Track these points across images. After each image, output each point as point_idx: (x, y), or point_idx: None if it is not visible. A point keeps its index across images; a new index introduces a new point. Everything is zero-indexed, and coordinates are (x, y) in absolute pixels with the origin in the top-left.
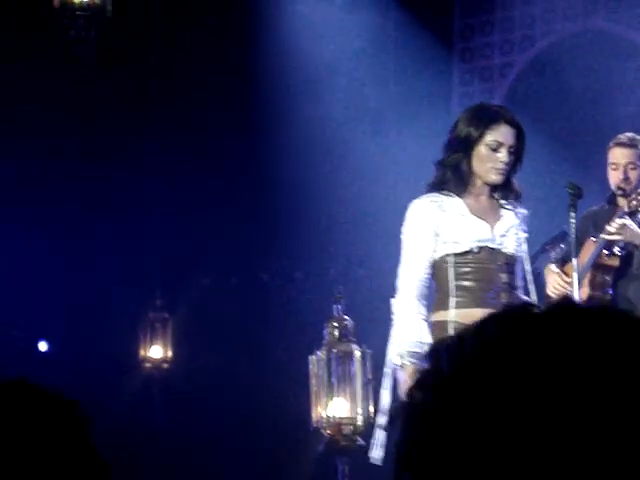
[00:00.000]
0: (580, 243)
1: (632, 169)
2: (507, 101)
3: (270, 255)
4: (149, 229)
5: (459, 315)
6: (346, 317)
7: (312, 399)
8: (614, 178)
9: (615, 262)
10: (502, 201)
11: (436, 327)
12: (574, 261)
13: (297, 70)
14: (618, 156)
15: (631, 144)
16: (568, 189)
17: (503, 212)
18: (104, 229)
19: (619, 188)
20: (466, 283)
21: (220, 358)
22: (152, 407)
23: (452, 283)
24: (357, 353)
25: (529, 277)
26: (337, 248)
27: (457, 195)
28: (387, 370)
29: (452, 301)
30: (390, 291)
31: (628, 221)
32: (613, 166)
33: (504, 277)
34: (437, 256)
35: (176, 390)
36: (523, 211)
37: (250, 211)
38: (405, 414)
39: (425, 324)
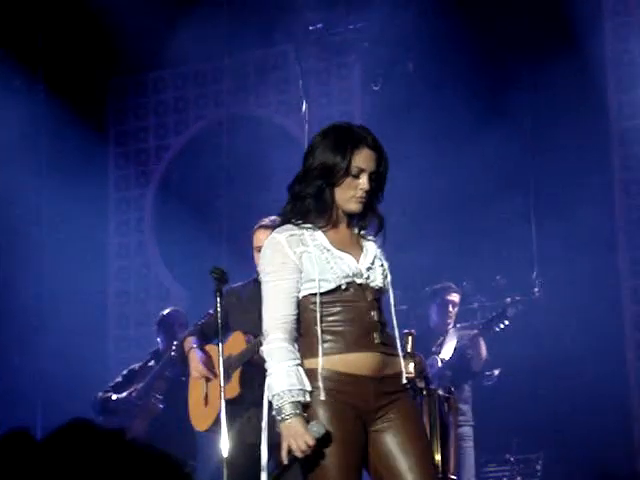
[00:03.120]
0: (225, 316)
1: None
2: (163, 184)
3: None
4: None
5: (329, 362)
6: None
7: None
8: (257, 260)
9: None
10: (362, 232)
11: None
12: (220, 346)
13: None
14: (259, 239)
15: (272, 226)
16: (213, 274)
17: (364, 243)
18: None
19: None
20: (335, 326)
21: None
22: None
23: (319, 327)
24: None
25: (393, 310)
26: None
27: (318, 228)
28: (264, 424)
29: (320, 347)
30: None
31: None
32: (257, 249)
33: (374, 315)
34: (300, 295)
35: None
36: (374, 240)
37: None
38: None
39: (302, 370)
